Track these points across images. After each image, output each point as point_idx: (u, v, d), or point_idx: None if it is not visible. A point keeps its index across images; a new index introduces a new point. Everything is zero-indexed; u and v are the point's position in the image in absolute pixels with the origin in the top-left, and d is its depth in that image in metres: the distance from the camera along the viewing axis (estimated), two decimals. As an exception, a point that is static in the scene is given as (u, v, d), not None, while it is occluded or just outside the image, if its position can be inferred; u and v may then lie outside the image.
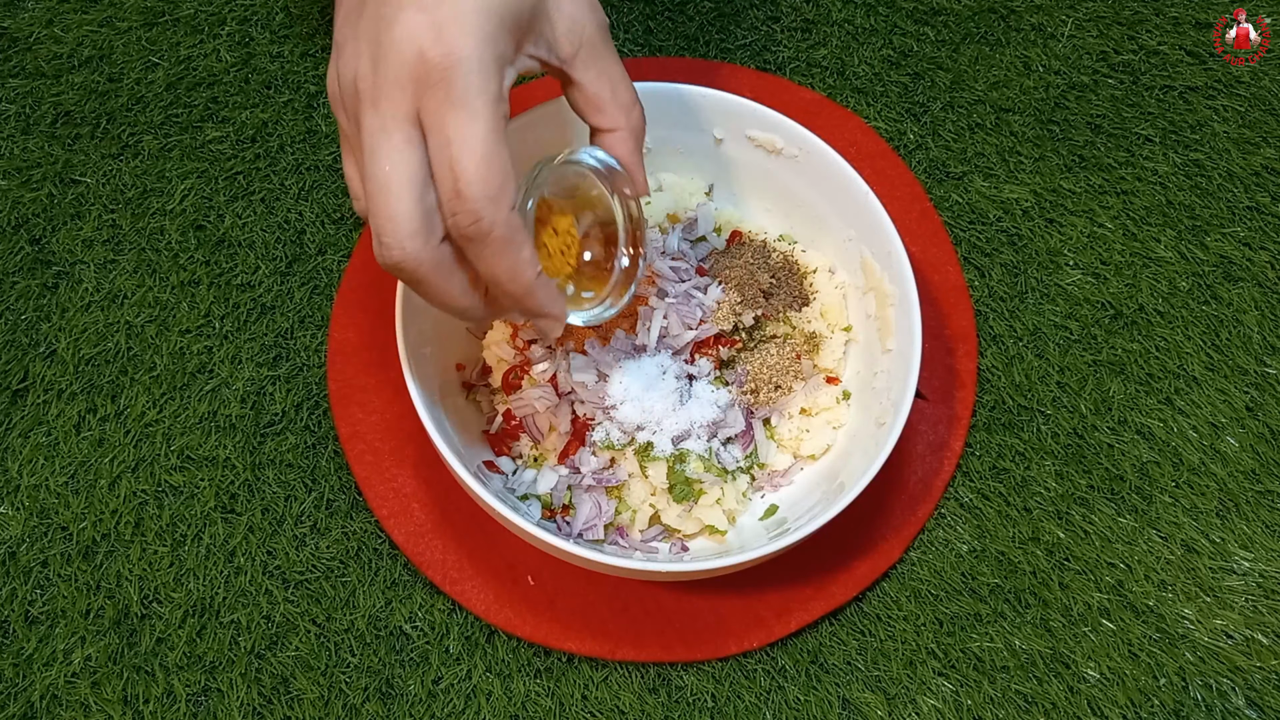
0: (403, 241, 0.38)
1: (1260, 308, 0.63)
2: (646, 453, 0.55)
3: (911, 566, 0.57)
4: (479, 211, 0.38)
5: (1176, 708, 0.55)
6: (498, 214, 0.38)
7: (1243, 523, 0.58)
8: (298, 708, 0.53)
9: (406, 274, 0.39)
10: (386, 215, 0.38)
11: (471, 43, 0.37)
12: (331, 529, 0.57)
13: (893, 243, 0.54)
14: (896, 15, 0.71)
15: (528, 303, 0.42)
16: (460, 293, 0.41)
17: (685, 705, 0.54)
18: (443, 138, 0.37)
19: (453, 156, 0.37)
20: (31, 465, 0.58)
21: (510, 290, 0.41)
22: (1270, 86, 0.69)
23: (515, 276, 0.40)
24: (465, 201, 0.38)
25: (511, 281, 0.40)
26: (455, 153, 0.37)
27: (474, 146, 0.37)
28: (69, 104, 0.66)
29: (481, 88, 0.38)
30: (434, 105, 0.37)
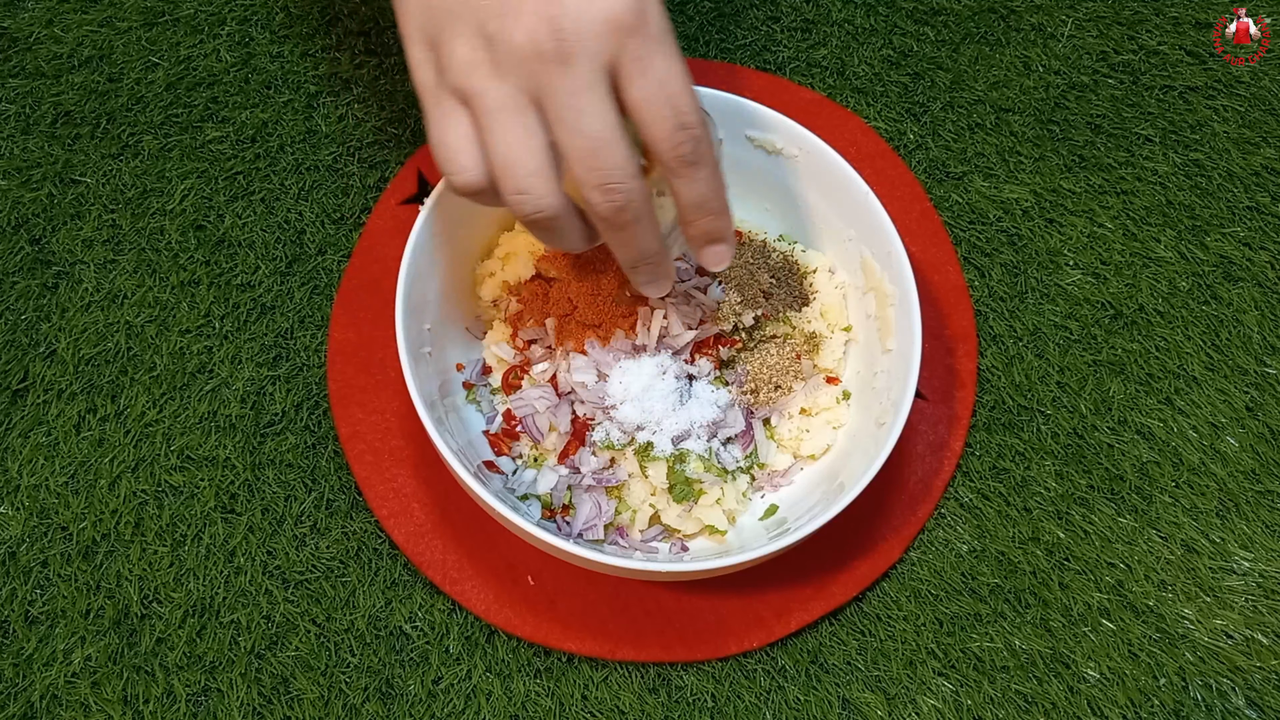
0: (629, 184, 0.41)
1: (1260, 308, 0.63)
2: (646, 453, 0.55)
3: (911, 566, 0.57)
4: (700, 137, 0.42)
5: (1176, 708, 0.55)
6: (706, 135, 0.42)
7: (1243, 523, 0.58)
8: (298, 708, 0.53)
9: (627, 216, 0.42)
10: (612, 166, 0.41)
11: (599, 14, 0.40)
12: (331, 529, 0.57)
13: (893, 243, 0.54)
14: (896, 15, 0.71)
15: (723, 218, 0.46)
16: (658, 232, 0.45)
17: (685, 705, 0.54)
18: (655, 79, 0.40)
19: (673, 93, 0.41)
20: (31, 465, 0.58)
21: (714, 205, 0.45)
22: (1270, 86, 0.69)
23: (720, 190, 0.45)
24: (690, 130, 0.41)
25: (719, 195, 0.45)
26: (674, 89, 0.41)
27: (685, 80, 0.41)
28: (69, 104, 0.66)
29: (668, 26, 0.41)
30: (637, 51, 0.40)
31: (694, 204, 0.45)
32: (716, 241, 0.47)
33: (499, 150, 0.41)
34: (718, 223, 0.46)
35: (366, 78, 0.67)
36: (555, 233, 0.44)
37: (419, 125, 0.66)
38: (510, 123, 0.41)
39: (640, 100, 0.41)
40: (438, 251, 0.55)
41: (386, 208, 0.63)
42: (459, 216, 0.56)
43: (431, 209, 0.53)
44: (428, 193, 0.61)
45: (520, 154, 0.41)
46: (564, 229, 0.44)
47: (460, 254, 0.58)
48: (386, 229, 0.63)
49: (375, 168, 0.65)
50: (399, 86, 0.67)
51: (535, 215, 0.42)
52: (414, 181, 0.64)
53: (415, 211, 0.63)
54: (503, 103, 0.41)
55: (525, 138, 0.41)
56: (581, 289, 0.56)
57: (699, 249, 0.48)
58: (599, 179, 0.41)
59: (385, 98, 0.67)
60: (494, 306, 0.59)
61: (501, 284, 0.59)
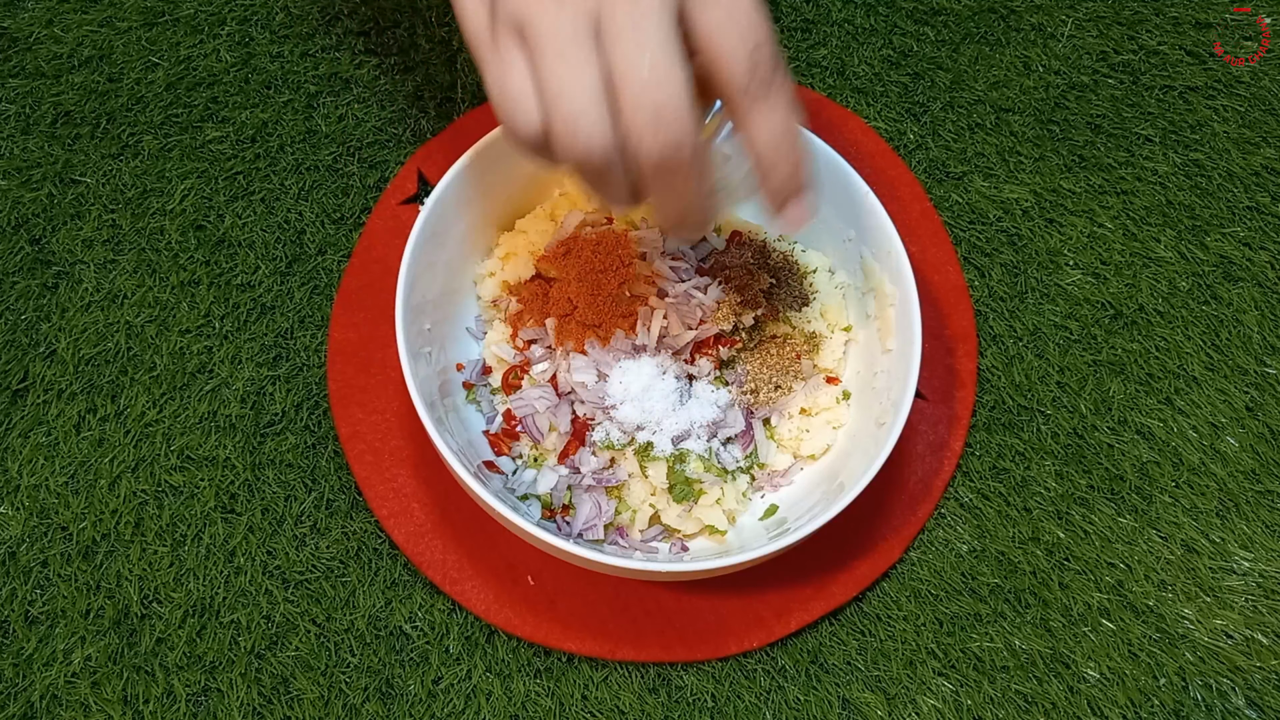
0: (685, 122, 0.39)
1: (1260, 308, 0.63)
2: (646, 453, 0.55)
3: (911, 566, 0.57)
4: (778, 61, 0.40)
5: (1176, 708, 0.55)
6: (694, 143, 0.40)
7: (1243, 523, 0.58)
8: (298, 708, 0.53)
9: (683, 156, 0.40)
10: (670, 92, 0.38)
11: None
12: (331, 529, 0.57)
13: (893, 243, 0.54)
14: (896, 15, 0.71)
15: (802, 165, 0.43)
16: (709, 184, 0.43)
17: (685, 705, 0.54)
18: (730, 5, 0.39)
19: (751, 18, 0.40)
20: (31, 465, 0.58)
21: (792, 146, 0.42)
22: (1270, 86, 0.69)
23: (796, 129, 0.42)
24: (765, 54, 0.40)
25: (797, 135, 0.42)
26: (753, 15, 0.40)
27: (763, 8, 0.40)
28: (69, 104, 0.66)
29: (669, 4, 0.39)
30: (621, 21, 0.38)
31: (771, 141, 0.42)
32: (796, 194, 0.44)
33: (551, 82, 0.39)
34: (798, 171, 0.43)
35: (366, 78, 0.67)
36: (604, 180, 0.41)
37: (419, 125, 0.66)
38: (566, 52, 0.39)
39: (713, 26, 0.39)
40: (438, 251, 0.55)
41: (386, 208, 0.63)
42: (459, 217, 0.56)
43: (431, 209, 0.53)
44: (428, 193, 0.61)
45: (573, 86, 0.39)
46: (613, 176, 0.41)
47: (460, 254, 0.58)
48: (386, 229, 0.63)
49: (375, 168, 0.65)
50: (399, 86, 0.67)
51: (585, 154, 0.40)
52: (414, 181, 0.64)
53: (415, 211, 0.63)
54: (560, 30, 0.39)
55: (581, 68, 0.39)
56: (581, 289, 0.56)
57: (778, 206, 0.44)
58: (654, 112, 0.38)
59: (385, 98, 0.67)
60: (494, 306, 0.59)
61: (501, 284, 0.59)
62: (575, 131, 0.39)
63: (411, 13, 0.69)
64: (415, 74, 0.67)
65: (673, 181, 0.41)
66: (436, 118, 0.66)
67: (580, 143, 0.39)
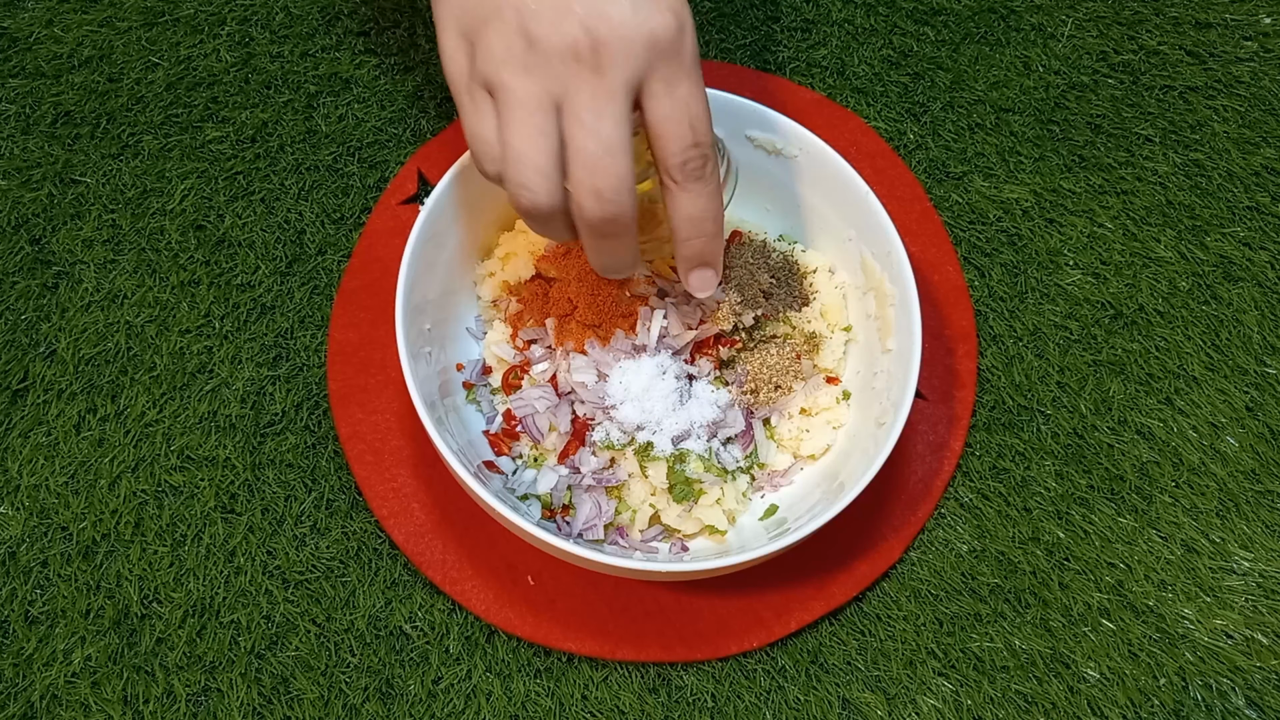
0: (624, 196, 0.43)
1: (1260, 308, 0.63)
2: (646, 453, 0.55)
3: (911, 566, 0.57)
4: (709, 158, 0.45)
5: (1176, 708, 0.55)
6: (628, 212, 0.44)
7: (1243, 523, 0.58)
8: (298, 708, 0.53)
9: (619, 225, 0.44)
10: (616, 173, 0.42)
11: (688, 11, 0.43)
12: (331, 529, 0.57)
13: (893, 243, 0.54)
14: (896, 15, 0.71)
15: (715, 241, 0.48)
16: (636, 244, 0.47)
17: (685, 705, 0.54)
18: (680, 99, 0.43)
19: (693, 114, 0.43)
20: (31, 465, 0.58)
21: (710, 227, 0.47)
22: (1270, 86, 0.69)
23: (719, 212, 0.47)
24: (701, 148, 0.44)
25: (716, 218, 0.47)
26: (695, 111, 0.43)
27: (705, 105, 0.44)
28: (69, 104, 0.66)
29: (697, 52, 0.44)
30: (668, 73, 0.42)
31: (690, 219, 0.46)
32: (705, 265, 0.49)
33: (512, 142, 0.42)
34: (709, 245, 0.48)
35: (366, 78, 0.67)
36: (546, 226, 0.46)
37: (419, 125, 0.66)
38: (528, 118, 0.42)
39: (660, 117, 0.43)
40: (438, 251, 0.55)
41: (386, 208, 0.63)
42: (459, 217, 0.56)
43: (431, 209, 0.53)
44: (428, 193, 0.61)
45: (530, 149, 0.42)
46: (554, 225, 0.46)
47: (460, 254, 0.58)
48: (386, 229, 0.63)
49: (375, 168, 0.65)
50: (399, 86, 0.67)
51: (531, 210, 0.44)
52: (414, 181, 0.64)
53: (415, 211, 0.63)
54: (526, 98, 0.42)
55: (538, 135, 0.42)
56: (581, 289, 0.56)
57: (686, 271, 0.49)
58: (595, 185, 0.43)
59: (385, 98, 0.67)
60: (494, 306, 0.59)
61: (501, 284, 0.59)
62: (524, 191, 0.43)
63: (411, 13, 0.69)
64: (415, 74, 0.67)
65: (607, 243, 0.46)
66: (436, 118, 0.66)
67: (526, 201, 0.43)
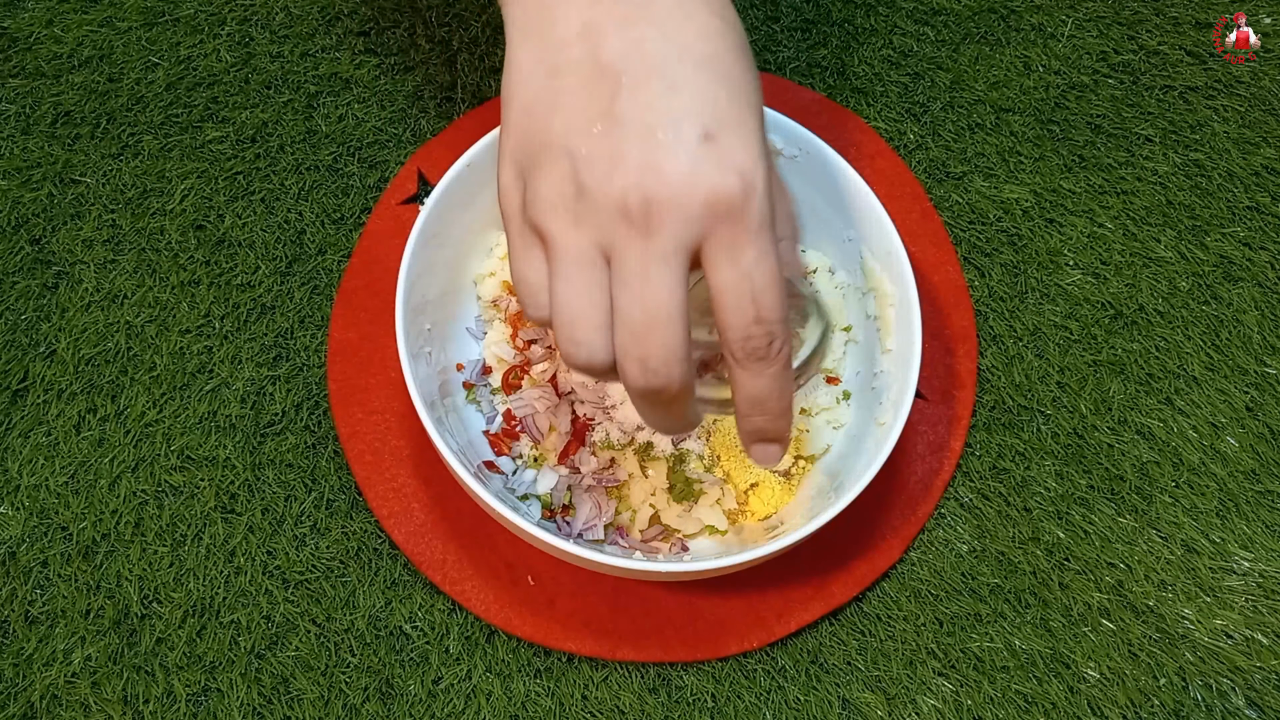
0: (673, 368, 0.39)
1: (1260, 308, 0.63)
2: (646, 453, 0.55)
3: (911, 566, 0.57)
4: (775, 335, 0.39)
5: (1176, 708, 0.55)
6: (785, 333, 0.40)
7: (1243, 523, 0.58)
8: (298, 708, 0.53)
9: (665, 396, 0.40)
10: (663, 344, 0.38)
11: (761, 169, 0.38)
12: (331, 529, 0.57)
13: (893, 243, 0.54)
14: (896, 15, 0.71)
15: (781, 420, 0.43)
16: (693, 409, 0.43)
17: (685, 705, 0.54)
18: (743, 269, 0.38)
19: (758, 287, 0.38)
20: (31, 465, 0.58)
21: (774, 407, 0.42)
22: (1270, 86, 0.69)
23: (786, 392, 0.42)
24: (766, 325, 0.39)
25: (782, 398, 0.42)
26: (760, 283, 0.38)
27: (775, 275, 0.39)
28: (69, 104, 0.66)
29: (770, 213, 0.38)
30: (731, 239, 0.38)
31: (751, 400, 0.42)
32: (770, 442, 0.44)
33: (560, 298, 0.39)
34: (775, 424, 0.43)
35: (366, 78, 0.67)
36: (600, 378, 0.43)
37: (419, 125, 0.66)
38: (577, 275, 0.39)
39: (721, 286, 0.39)
40: (438, 251, 0.55)
41: (386, 208, 0.63)
42: (459, 217, 0.56)
43: (431, 209, 0.53)
44: (428, 193, 0.61)
45: (581, 307, 0.39)
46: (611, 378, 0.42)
47: (460, 254, 0.58)
48: (386, 229, 0.63)
49: (375, 168, 0.65)
50: (399, 86, 0.67)
51: (585, 368, 0.41)
52: (414, 181, 0.64)
53: (415, 211, 0.63)
54: (575, 253, 0.39)
55: (588, 292, 0.39)
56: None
57: (747, 445, 0.45)
58: (641, 354, 0.39)
59: (385, 98, 0.67)
60: (494, 306, 0.59)
61: (501, 284, 0.59)
62: (576, 349, 0.40)
63: (411, 13, 0.69)
64: (415, 74, 0.67)
65: (656, 410, 0.42)
66: (436, 118, 0.66)
67: (580, 359, 0.40)
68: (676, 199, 0.37)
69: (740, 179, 0.37)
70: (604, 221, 0.38)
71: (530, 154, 0.40)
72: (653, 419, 0.43)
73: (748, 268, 0.38)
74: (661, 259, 0.37)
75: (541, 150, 0.39)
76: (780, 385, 0.41)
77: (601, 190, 0.37)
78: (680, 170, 0.37)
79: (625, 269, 0.38)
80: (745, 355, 0.40)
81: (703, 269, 0.39)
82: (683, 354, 0.39)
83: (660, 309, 0.38)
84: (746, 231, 0.38)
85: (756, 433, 0.44)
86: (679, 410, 0.42)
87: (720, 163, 0.37)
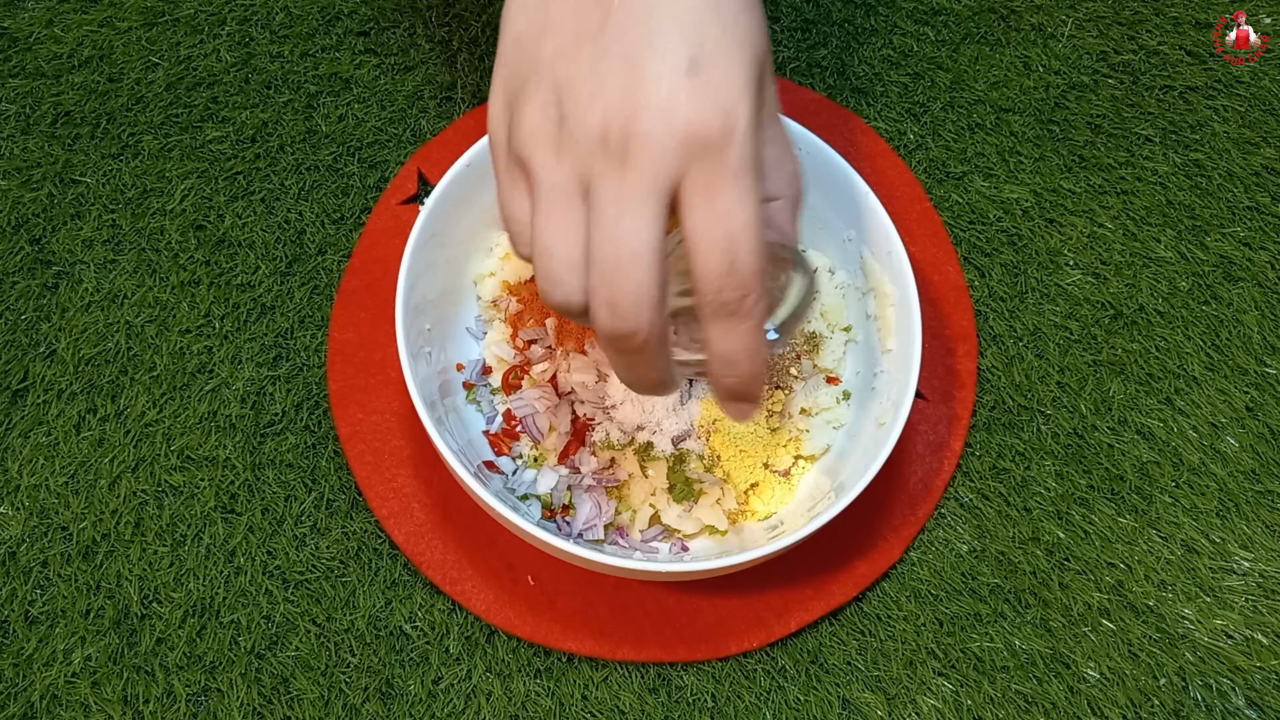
0: (643, 313, 0.37)
1: (1260, 308, 0.63)
2: (646, 453, 0.55)
3: (911, 566, 0.57)
4: (748, 289, 0.37)
5: (1176, 708, 0.55)
6: (760, 289, 0.37)
7: (1243, 523, 0.58)
8: (298, 708, 0.53)
9: (635, 343, 0.38)
10: (633, 286, 0.36)
11: (745, 108, 0.36)
12: (331, 529, 0.57)
13: (893, 243, 0.54)
14: (896, 15, 0.71)
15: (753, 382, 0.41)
16: (666, 364, 0.40)
17: (685, 705, 0.54)
18: (718, 212, 0.36)
19: (732, 232, 0.36)
20: (31, 465, 0.58)
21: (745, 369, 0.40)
22: (1270, 86, 0.69)
23: (759, 352, 0.39)
24: (737, 277, 0.36)
25: (754, 358, 0.39)
26: (735, 228, 0.36)
27: (752, 221, 0.36)
28: (69, 104, 0.66)
29: (753, 157, 0.36)
30: (706, 178, 0.36)
31: (722, 359, 0.39)
32: (741, 400, 0.42)
33: (540, 234, 0.38)
34: (747, 385, 0.41)
35: (366, 78, 0.67)
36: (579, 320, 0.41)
37: (419, 125, 0.66)
38: (555, 210, 0.37)
39: (693, 230, 0.36)
40: (438, 251, 0.55)
41: (386, 208, 0.63)
42: (459, 217, 0.56)
43: (431, 209, 0.53)
44: (428, 193, 0.61)
45: (557, 242, 0.37)
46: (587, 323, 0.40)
47: (460, 254, 0.58)
48: (386, 229, 0.63)
49: (375, 168, 0.65)
50: (399, 86, 0.67)
51: (561, 308, 0.39)
52: (414, 181, 0.64)
53: (415, 211, 0.63)
54: (554, 186, 0.37)
55: (567, 227, 0.37)
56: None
57: (720, 401, 0.43)
58: (609, 295, 0.37)
59: (385, 98, 0.67)
60: (494, 306, 0.59)
61: (501, 284, 0.59)
62: (552, 288, 0.38)
63: (411, 13, 0.69)
64: (415, 74, 0.67)
65: (625, 359, 0.40)
66: (436, 118, 0.66)
67: (554, 298, 0.38)
68: (653, 131, 0.35)
69: (722, 116, 0.35)
70: (583, 152, 0.36)
71: (518, 82, 0.38)
72: (623, 371, 0.41)
73: (722, 212, 0.36)
74: (636, 195, 0.36)
75: (529, 77, 0.38)
76: (752, 344, 0.39)
77: (582, 118, 0.36)
78: (659, 100, 0.35)
79: (599, 204, 0.36)
80: (716, 309, 0.38)
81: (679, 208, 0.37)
82: (652, 299, 0.37)
83: (631, 248, 0.36)
84: (725, 173, 0.36)
85: (728, 391, 0.42)
86: (649, 362, 0.40)
87: (702, 96, 0.35)
